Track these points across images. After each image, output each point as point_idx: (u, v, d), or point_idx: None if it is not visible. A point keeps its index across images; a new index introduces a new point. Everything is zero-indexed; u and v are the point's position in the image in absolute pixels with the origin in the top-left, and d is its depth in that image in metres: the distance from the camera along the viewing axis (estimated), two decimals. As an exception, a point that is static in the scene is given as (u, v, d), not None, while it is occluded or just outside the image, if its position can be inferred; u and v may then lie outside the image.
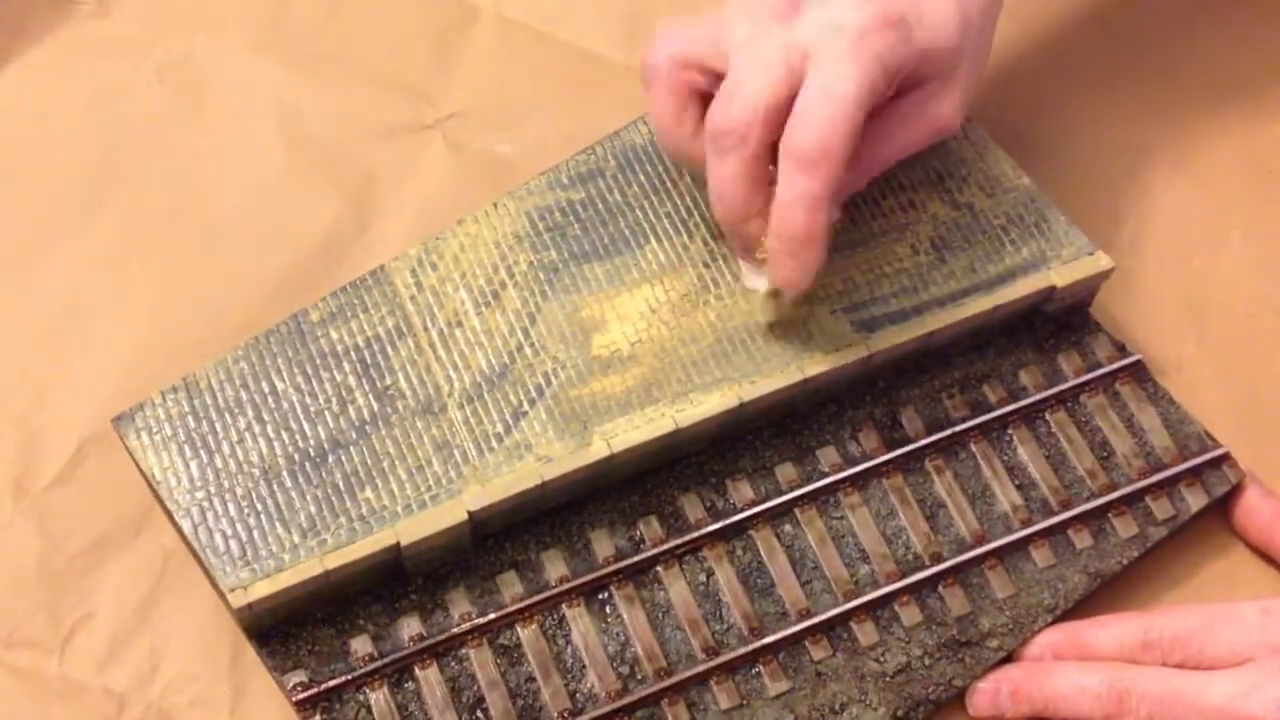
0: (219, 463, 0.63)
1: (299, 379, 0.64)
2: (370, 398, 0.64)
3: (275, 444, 0.63)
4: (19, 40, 0.78)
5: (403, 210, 0.75)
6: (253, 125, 0.77)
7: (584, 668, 0.63)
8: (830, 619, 0.64)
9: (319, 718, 0.61)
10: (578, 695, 0.62)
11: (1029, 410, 0.69)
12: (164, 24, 0.79)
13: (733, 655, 0.63)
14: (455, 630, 0.63)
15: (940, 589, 0.65)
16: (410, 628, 0.63)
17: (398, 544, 0.61)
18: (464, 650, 0.63)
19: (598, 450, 0.64)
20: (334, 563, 0.61)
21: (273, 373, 0.64)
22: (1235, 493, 0.68)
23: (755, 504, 0.66)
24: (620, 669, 0.63)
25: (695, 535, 0.65)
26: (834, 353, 0.66)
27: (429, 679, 0.62)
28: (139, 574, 0.65)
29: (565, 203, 0.69)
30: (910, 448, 0.68)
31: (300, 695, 0.61)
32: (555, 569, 0.64)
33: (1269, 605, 0.62)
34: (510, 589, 0.64)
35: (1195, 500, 0.68)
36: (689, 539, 0.65)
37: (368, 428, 0.64)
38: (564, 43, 0.80)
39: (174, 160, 0.76)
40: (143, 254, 0.73)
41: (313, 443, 0.63)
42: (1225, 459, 0.68)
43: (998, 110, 0.77)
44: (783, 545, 0.66)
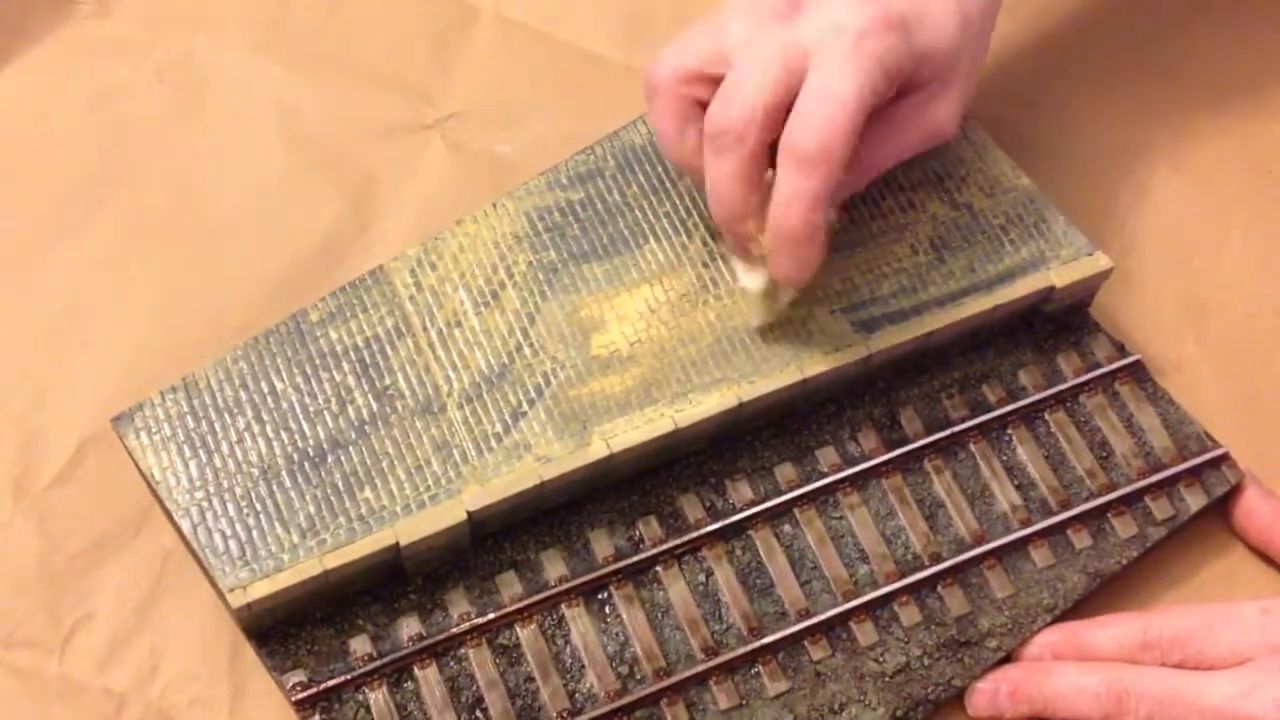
0: (218, 463, 0.63)
1: (298, 379, 0.64)
2: (369, 398, 0.64)
3: (274, 444, 0.63)
4: (19, 40, 0.78)
5: (402, 210, 0.75)
6: (253, 125, 0.77)
7: (583, 668, 0.63)
8: (829, 619, 0.64)
9: (318, 717, 0.61)
10: (577, 695, 0.62)
11: (1028, 410, 0.69)
12: (164, 24, 0.79)
13: (732, 655, 0.63)
14: (454, 630, 0.63)
15: (939, 589, 0.65)
16: (409, 627, 0.63)
17: (397, 544, 0.61)
18: (463, 650, 0.63)
19: (597, 450, 0.64)
20: (333, 563, 0.61)
21: (272, 373, 0.65)
22: (1235, 493, 0.68)
23: (754, 504, 0.66)
24: (619, 669, 0.63)
25: (694, 535, 0.65)
26: (833, 353, 0.66)
27: (428, 679, 0.62)
28: (139, 574, 0.65)
29: (564, 203, 0.69)
30: (909, 448, 0.68)
31: (299, 695, 0.61)
32: (554, 569, 0.64)
33: (1268, 605, 0.62)
34: (509, 589, 0.64)
35: (1195, 500, 0.68)
36: (688, 539, 0.65)
37: (367, 428, 0.64)
38: (564, 43, 0.80)
39: (174, 160, 0.76)
40: (142, 254, 0.73)
41: (312, 443, 0.63)
42: (1225, 459, 0.68)
43: (998, 110, 0.77)
44: (782, 545, 0.66)
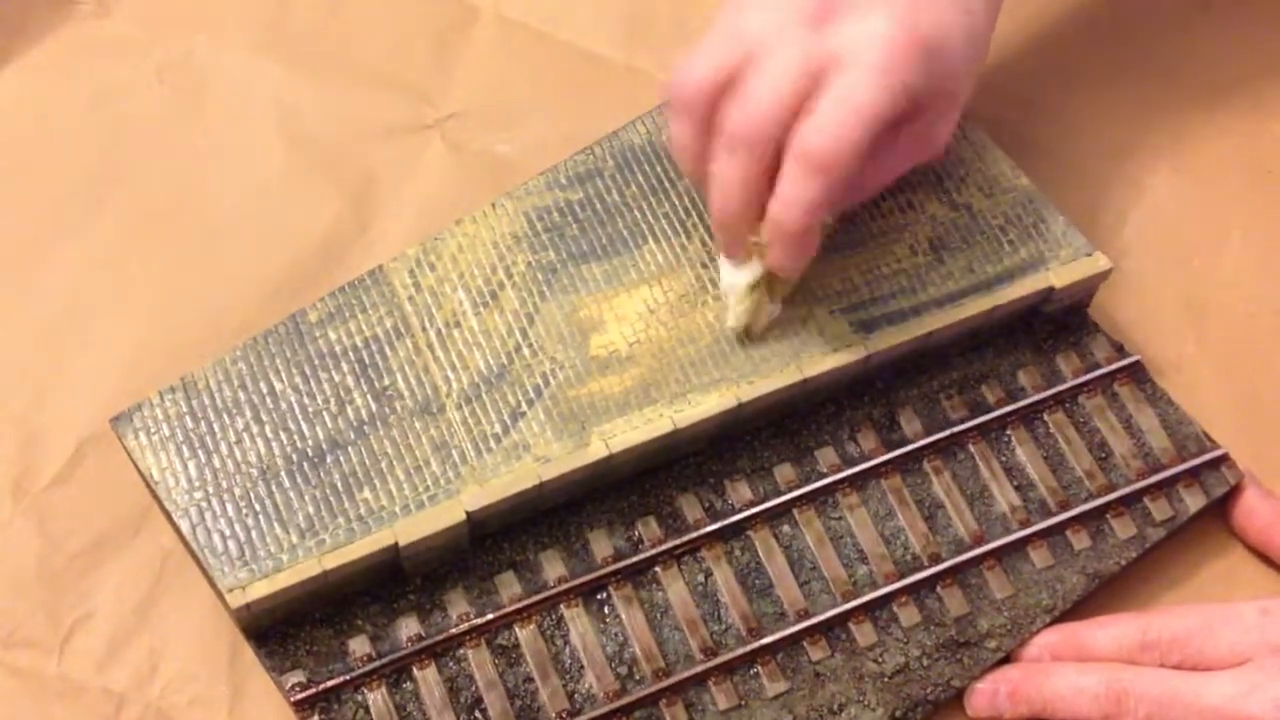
0: (217, 463, 0.63)
1: (297, 379, 0.64)
2: (368, 398, 0.64)
3: (273, 444, 0.63)
4: (19, 40, 0.78)
5: (402, 210, 0.75)
6: (253, 125, 0.77)
7: (582, 668, 0.63)
8: (828, 619, 0.64)
9: (317, 718, 0.61)
10: (576, 695, 0.62)
11: (1027, 411, 0.69)
12: (164, 24, 0.79)
13: (731, 656, 0.63)
14: (453, 630, 0.63)
15: (939, 590, 0.65)
16: (408, 628, 0.63)
17: (396, 544, 0.61)
18: (462, 650, 0.63)
19: (596, 451, 0.64)
20: (332, 563, 0.61)
21: (271, 373, 0.65)
22: (1234, 493, 0.68)
23: (754, 504, 0.66)
24: (618, 669, 0.63)
25: (693, 536, 0.65)
26: (832, 353, 0.66)
27: (427, 679, 0.62)
28: (138, 574, 0.65)
29: (564, 203, 0.69)
30: (909, 448, 0.68)
31: (298, 695, 0.61)
32: (553, 569, 0.64)
33: (1268, 605, 0.62)
34: (508, 589, 0.64)
35: (1194, 501, 0.68)
36: (687, 539, 0.65)
37: (366, 428, 0.64)
38: (564, 43, 0.80)
39: (174, 160, 0.76)
40: (142, 254, 0.73)
41: (311, 443, 0.63)
42: (1224, 460, 0.68)
43: (997, 110, 0.76)
44: (781, 546, 0.66)
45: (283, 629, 0.63)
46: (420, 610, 0.63)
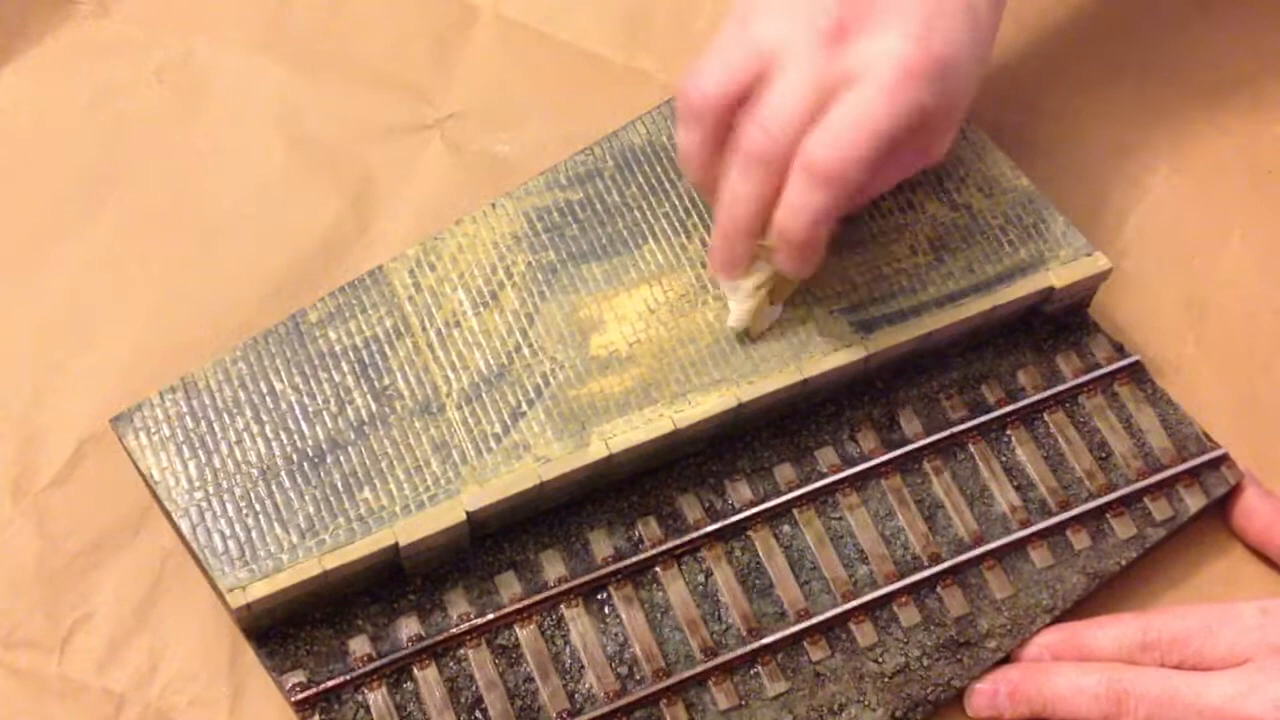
0: (217, 463, 0.63)
1: (297, 379, 0.64)
2: (368, 398, 0.64)
3: (273, 444, 0.63)
4: (19, 40, 0.78)
5: (402, 210, 0.75)
6: (253, 125, 0.77)
7: (582, 668, 0.63)
8: (829, 619, 0.64)
9: (318, 718, 0.61)
10: (576, 695, 0.62)
11: (1027, 411, 0.69)
12: (164, 24, 0.79)
13: (731, 656, 0.63)
14: (454, 630, 0.63)
15: (939, 590, 0.65)
16: (409, 628, 0.63)
17: (396, 544, 0.61)
18: (462, 650, 0.63)
19: (596, 451, 0.64)
20: (332, 563, 0.61)
21: (271, 373, 0.65)
22: (1234, 493, 0.68)
23: (754, 504, 0.66)
24: (619, 669, 0.63)
25: (694, 536, 0.65)
26: (832, 353, 0.66)
27: (427, 679, 0.62)
28: (138, 574, 0.65)
29: (563, 203, 0.69)
30: (909, 448, 0.68)
31: (299, 695, 0.61)
32: (554, 569, 0.64)
33: (1268, 605, 0.62)
34: (509, 589, 0.64)
35: (1194, 501, 0.68)
36: (687, 539, 0.65)
37: (366, 428, 0.64)
38: (563, 43, 0.80)
39: (174, 160, 0.76)
40: (142, 254, 0.73)
41: (311, 443, 0.63)
42: (1224, 460, 0.68)
43: (997, 110, 0.77)
44: (781, 546, 0.66)
45: (283, 629, 0.63)
46: (420, 610, 0.63)
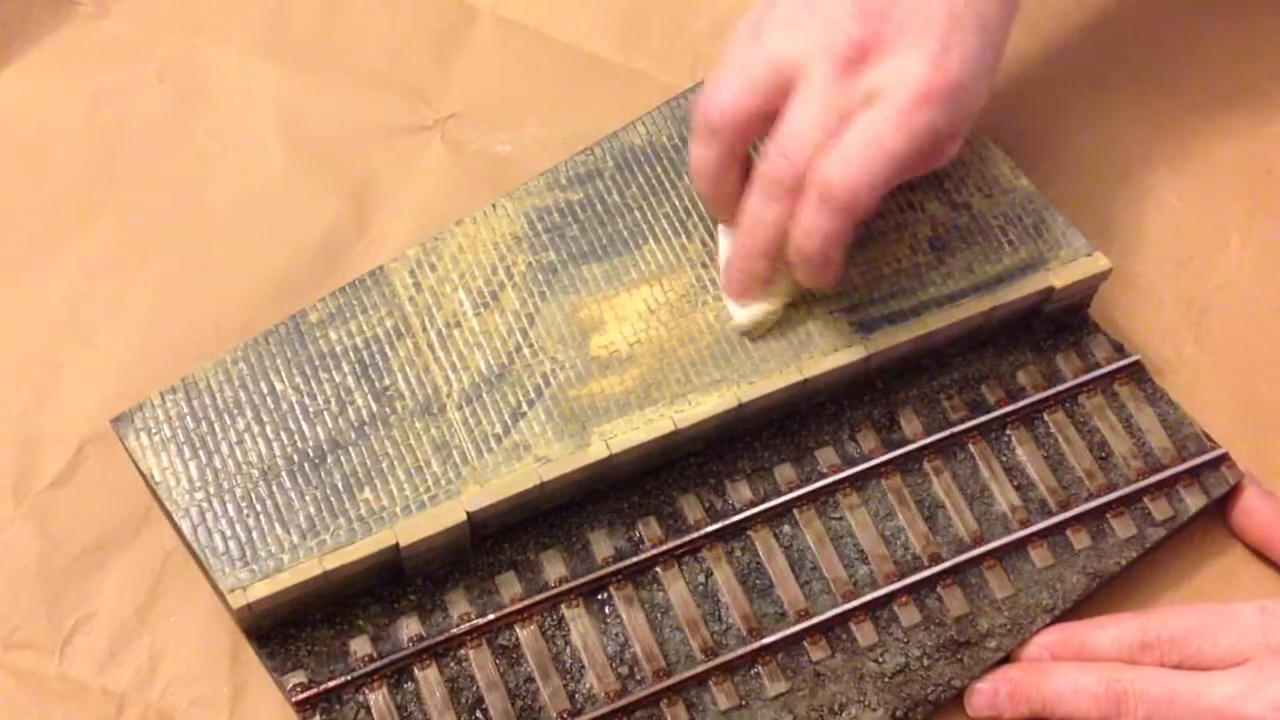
0: (218, 463, 0.63)
1: (298, 380, 0.64)
2: (369, 398, 0.64)
3: (274, 444, 0.63)
4: (19, 41, 0.78)
5: (402, 210, 0.75)
6: (253, 126, 0.77)
7: (583, 668, 0.63)
8: (829, 619, 0.64)
9: (318, 718, 0.61)
10: (577, 696, 0.63)
11: (1027, 411, 0.69)
12: (164, 25, 0.79)
13: (731, 656, 0.63)
14: (454, 631, 0.63)
15: (939, 589, 0.65)
16: (409, 628, 0.63)
17: (397, 545, 0.62)
18: (463, 651, 0.63)
19: (596, 451, 0.64)
20: (333, 563, 0.61)
21: (271, 373, 0.65)
22: (1233, 493, 0.68)
23: (754, 505, 0.66)
24: (619, 669, 0.63)
25: (694, 536, 0.65)
26: (832, 353, 0.66)
27: (428, 679, 0.62)
28: (139, 574, 0.65)
29: (564, 203, 0.69)
30: (909, 448, 0.68)
31: (300, 696, 0.61)
32: (554, 569, 0.64)
33: (1267, 605, 0.62)
34: (509, 589, 0.64)
35: (1194, 501, 0.68)
36: (688, 540, 0.65)
37: (366, 428, 0.64)
38: (563, 43, 0.80)
39: (174, 161, 0.76)
40: (142, 255, 0.73)
41: (312, 443, 0.63)
42: (1224, 460, 0.68)
43: (998, 111, 0.76)
44: (781, 546, 0.66)
45: (284, 629, 0.63)
46: (421, 610, 0.63)
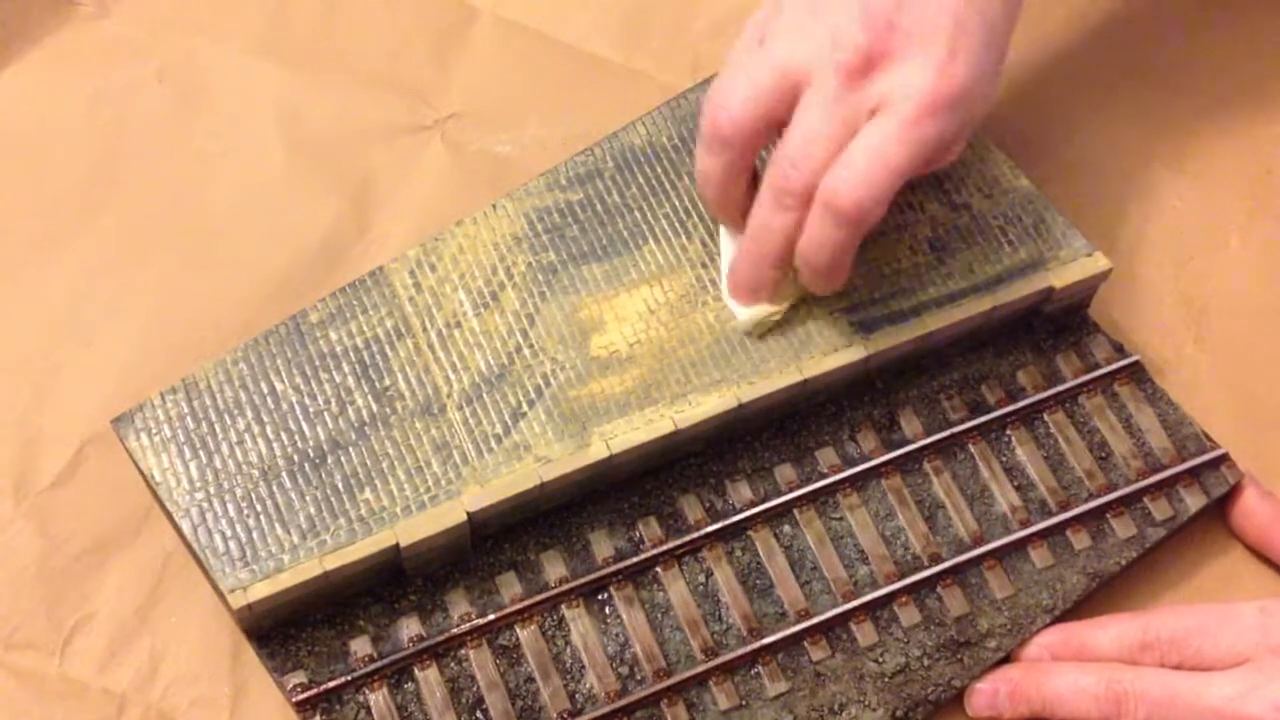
0: (218, 463, 0.63)
1: (298, 380, 0.65)
2: (369, 399, 0.64)
3: (274, 445, 0.63)
4: (19, 41, 0.78)
5: (402, 211, 0.75)
6: (253, 126, 0.77)
7: (583, 668, 0.63)
8: (829, 619, 0.64)
9: (319, 718, 0.61)
10: (577, 696, 0.63)
11: (1027, 411, 0.69)
12: (164, 25, 0.79)
13: (732, 656, 0.63)
14: (455, 631, 0.63)
15: (939, 589, 0.65)
16: (410, 628, 0.63)
17: (397, 545, 0.62)
18: (463, 651, 0.63)
19: (597, 451, 0.64)
20: (333, 563, 0.61)
21: (272, 374, 0.65)
22: (1233, 494, 0.68)
23: (754, 505, 0.66)
24: (619, 669, 0.63)
25: (694, 536, 0.65)
26: (832, 354, 0.66)
27: (428, 680, 0.62)
28: (139, 575, 0.65)
29: (564, 204, 0.69)
30: (909, 448, 0.68)
31: (300, 696, 0.61)
32: (554, 570, 0.64)
33: (1267, 606, 0.62)
34: (509, 590, 0.64)
35: (1194, 501, 0.68)
36: (688, 540, 0.65)
37: (367, 429, 0.64)
38: (563, 44, 0.80)
39: (174, 161, 0.76)
40: (142, 255, 0.73)
41: (312, 444, 0.63)
42: (1224, 460, 0.68)
43: (998, 111, 0.76)
44: (781, 546, 0.66)
45: (284, 629, 0.63)
46: (421, 611, 0.63)
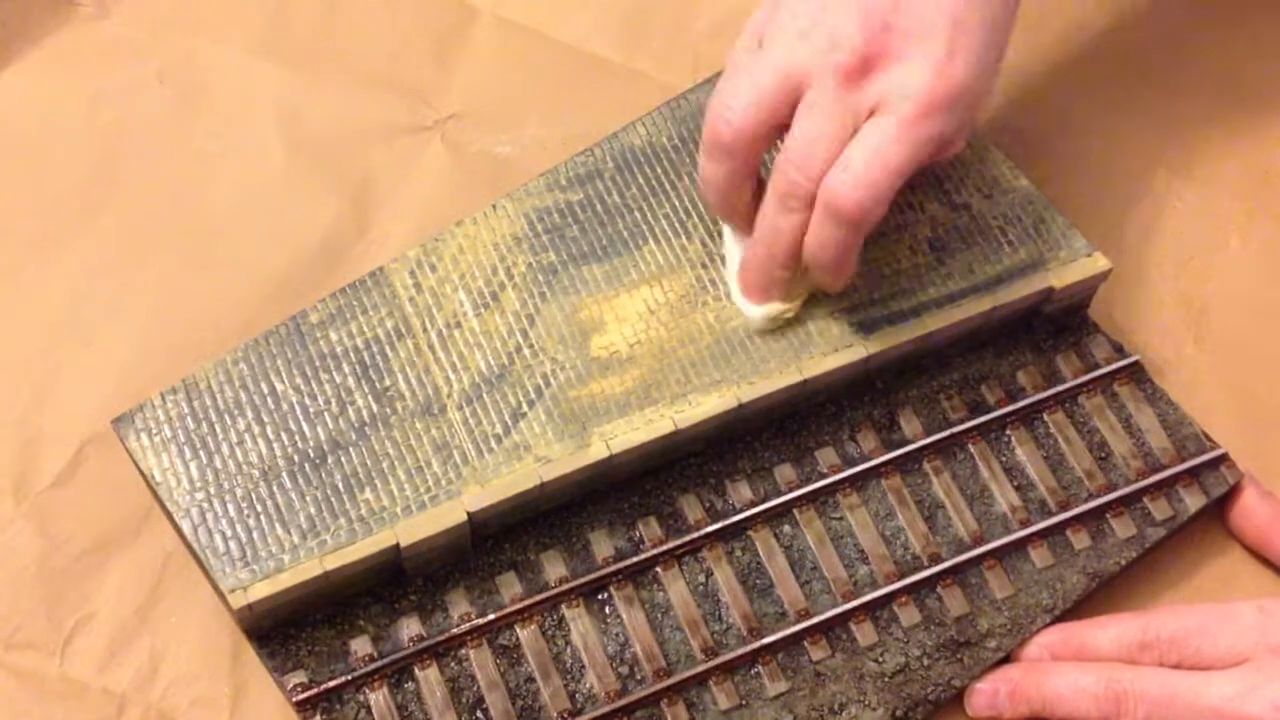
0: (219, 464, 0.63)
1: (298, 380, 0.65)
2: (369, 399, 0.64)
3: (275, 445, 0.63)
4: (19, 41, 0.78)
5: (402, 211, 0.75)
6: (253, 127, 0.77)
7: (583, 668, 0.63)
8: (829, 619, 0.64)
9: (319, 718, 0.61)
10: (577, 695, 0.63)
11: (1027, 411, 0.69)
12: (164, 26, 0.79)
13: (732, 655, 0.63)
14: (455, 631, 0.63)
15: (939, 589, 0.65)
16: (410, 628, 0.63)
17: (397, 545, 0.62)
18: (464, 651, 0.63)
19: (597, 451, 0.64)
20: (333, 563, 0.61)
21: (272, 374, 0.65)
22: (1233, 494, 0.68)
23: (754, 505, 0.66)
24: (619, 669, 0.63)
25: (694, 536, 0.65)
26: (832, 354, 0.66)
27: (429, 679, 0.62)
28: (139, 575, 0.65)
29: (564, 204, 0.69)
30: (909, 448, 0.68)
31: (300, 696, 0.61)
32: (554, 570, 0.64)
33: (1266, 605, 0.62)
34: (510, 589, 0.64)
35: (1193, 501, 0.68)
36: (688, 540, 0.65)
37: (367, 429, 0.64)
38: (563, 44, 0.80)
39: (174, 161, 0.76)
40: (142, 255, 0.73)
41: (312, 444, 0.63)
42: (1223, 460, 0.68)
43: (998, 111, 0.77)
44: (781, 546, 0.66)
45: (284, 629, 0.63)
46: (422, 610, 0.64)
